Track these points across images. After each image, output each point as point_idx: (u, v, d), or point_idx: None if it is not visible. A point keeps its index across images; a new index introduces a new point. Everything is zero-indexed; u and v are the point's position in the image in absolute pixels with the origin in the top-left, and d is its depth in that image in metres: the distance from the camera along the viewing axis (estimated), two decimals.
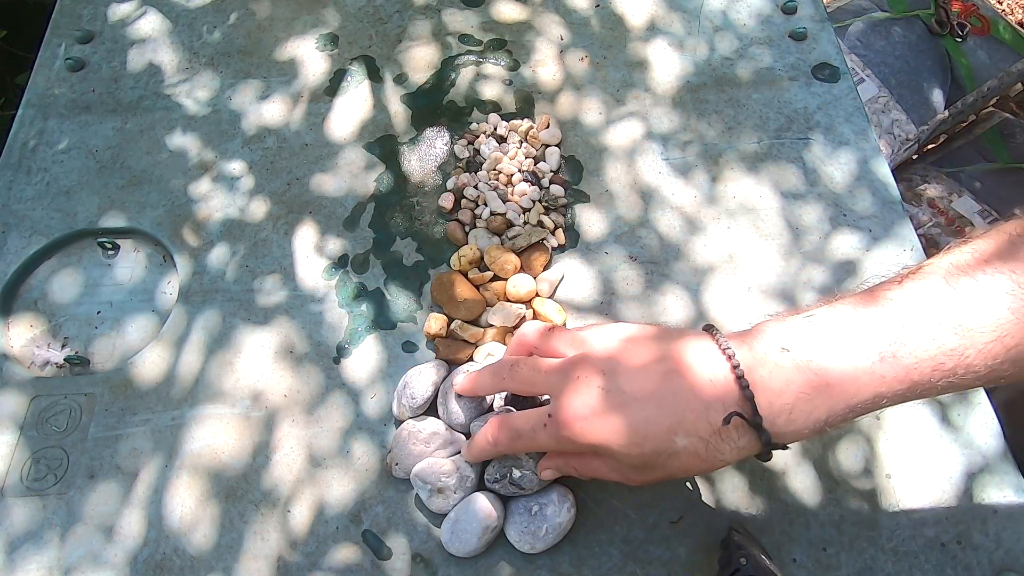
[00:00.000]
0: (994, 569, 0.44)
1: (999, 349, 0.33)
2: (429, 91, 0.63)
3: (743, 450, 0.36)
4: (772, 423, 0.35)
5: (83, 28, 0.67)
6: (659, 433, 0.35)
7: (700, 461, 0.36)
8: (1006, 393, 0.62)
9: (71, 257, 0.57)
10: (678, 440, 0.35)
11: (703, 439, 0.35)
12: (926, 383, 0.34)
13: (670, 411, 0.35)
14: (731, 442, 0.35)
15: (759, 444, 0.35)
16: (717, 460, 0.36)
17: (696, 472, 0.39)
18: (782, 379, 0.35)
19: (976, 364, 0.34)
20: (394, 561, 0.45)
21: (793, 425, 0.35)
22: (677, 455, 0.36)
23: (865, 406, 0.35)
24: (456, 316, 0.52)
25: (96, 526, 0.46)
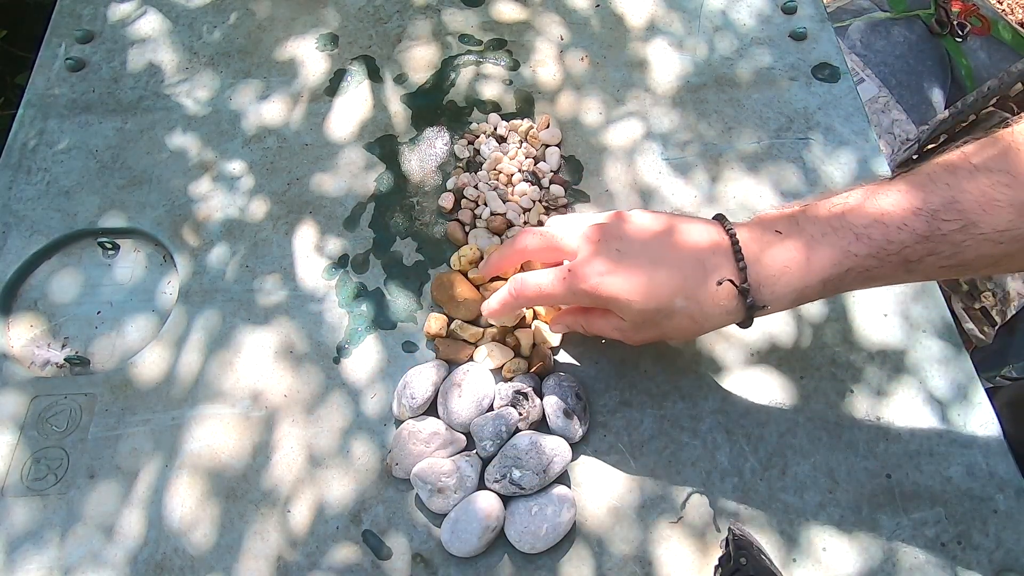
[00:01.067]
0: (994, 569, 0.44)
1: (962, 237, 0.36)
2: (429, 91, 0.63)
3: (729, 315, 0.41)
4: (757, 291, 0.40)
5: (83, 28, 0.67)
6: (664, 293, 0.40)
7: (692, 323, 0.42)
8: (1006, 393, 0.62)
9: (71, 257, 0.57)
10: (678, 301, 0.41)
11: (699, 303, 0.41)
12: (892, 261, 0.38)
13: (676, 276, 0.40)
14: (720, 307, 0.41)
15: (743, 309, 0.41)
16: (706, 323, 0.42)
17: (685, 333, 0.44)
18: (770, 255, 0.40)
19: (942, 249, 0.37)
20: (394, 561, 0.45)
21: (774, 294, 0.40)
22: (675, 315, 0.41)
23: (837, 281, 0.40)
24: (456, 316, 0.52)
25: (96, 526, 0.46)
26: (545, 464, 0.44)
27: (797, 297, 0.41)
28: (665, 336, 0.44)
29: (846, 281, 0.40)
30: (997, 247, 0.36)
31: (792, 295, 0.40)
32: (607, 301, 0.42)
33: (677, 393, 0.49)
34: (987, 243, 0.36)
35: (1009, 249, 0.36)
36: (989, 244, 0.36)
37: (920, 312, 0.52)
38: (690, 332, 0.43)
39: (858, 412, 0.49)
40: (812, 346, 0.51)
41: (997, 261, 0.37)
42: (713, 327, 0.43)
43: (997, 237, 0.36)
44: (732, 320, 0.42)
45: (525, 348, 0.50)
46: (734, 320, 0.42)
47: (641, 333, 0.43)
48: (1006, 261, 0.37)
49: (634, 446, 0.48)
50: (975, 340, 1.04)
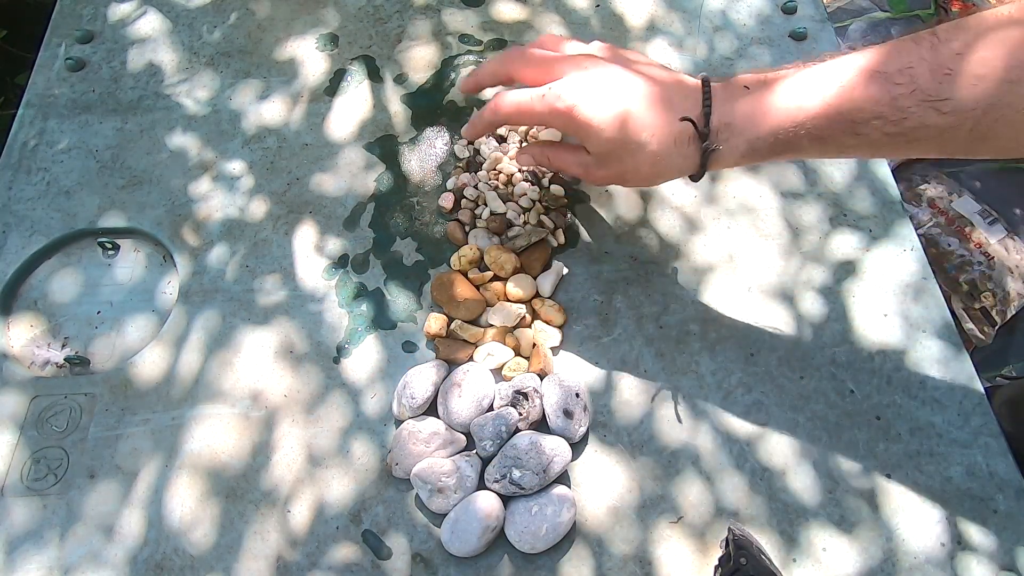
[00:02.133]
0: (994, 569, 0.44)
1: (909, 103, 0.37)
2: (429, 91, 0.63)
3: (685, 160, 0.43)
4: (714, 136, 0.42)
5: (83, 28, 0.67)
6: (635, 126, 0.42)
7: (652, 163, 0.43)
8: (1004, 392, 0.62)
9: (71, 257, 0.57)
10: (644, 136, 0.42)
11: (662, 142, 0.42)
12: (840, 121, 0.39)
13: (648, 112, 0.42)
14: (681, 150, 0.42)
15: (698, 154, 0.42)
16: (663, 166, 0.43)
17: (642, 175, 0.45)
18: (733, 105, 0.42)
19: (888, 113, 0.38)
20: (394, 561, 0.45)
21: (728, 143, 0.42)
22: (638, 151, 0.43)
23: (790, 137, 0.41)
24: (456, 316, 0.52)
25: (96, 526, 0.46)
26: (545, 464, 0.44)
27: (748, 149, 0.42)
28: (623, 177, 0.46)
29: (797, 138, 0.41)
30: (940, 117, 0.37)
31: (744, 146, 0.42)
32: (580, 126, 0.43)
33: (677, 393, 0.49)
34: (931, 112, 0.37)
35: (951, 121, 0.37)
36: (933, 113, 0.37)
37: (920, 312, 0.52)
38: (647, 174, 0.45)
39: (858, 412, 0.49)
40: (812, 346, 0.51)
41: (940, 133, 0.38)
42: (671, 174, 0.44)
43: (941, 106, 0.37)
44: (687, 167, 0.43)
45: (525, 348, 0.50)
46: (689, 167, 0.43)
47: (603, 168, 0.45)
48: (948, 135, 0.38)
49: (634, 446, 0.48)
50: (975, 340, 1.04)
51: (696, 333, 0.52)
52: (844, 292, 0.53)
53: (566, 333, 0.52)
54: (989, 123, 0.36)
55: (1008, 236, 1.04)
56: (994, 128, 0.37)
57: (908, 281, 0.53)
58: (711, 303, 0.53)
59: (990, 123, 0.36)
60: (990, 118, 0.36)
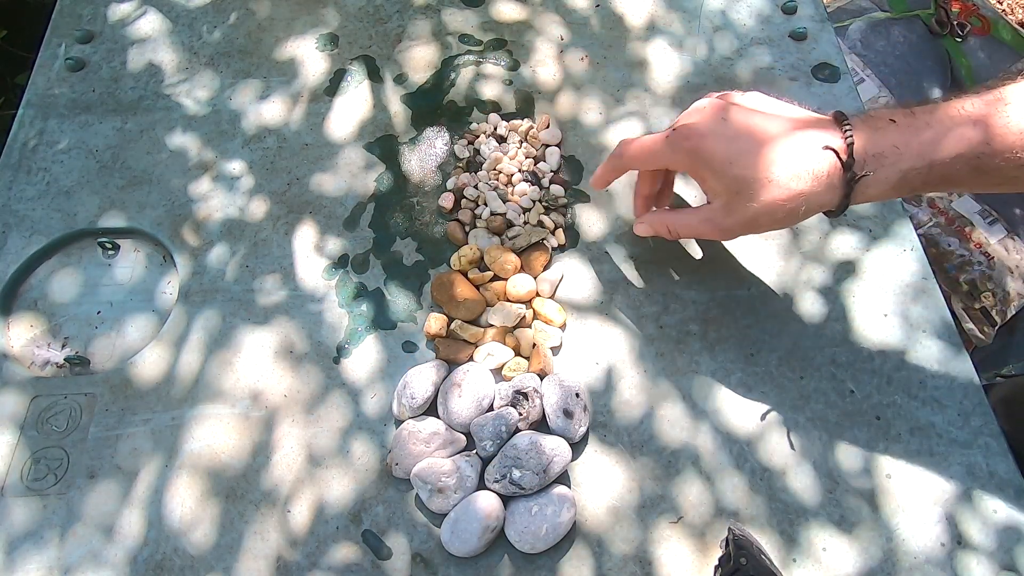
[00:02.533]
0: (994, 569, 0.44)
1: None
2: (429, 91, 0.63)
3: (828, 192, 0.40)
4: (861, 166, 0.39)
5: (83, 28, 0.67)
6: (766, 159, 0.40)
7: (788, 198, 0.40)
8: (1000, 390, 0.62)
9: (71, 257, 0.57)
10: (775, 171, 0.39)
11: (798, 175, 0.39)
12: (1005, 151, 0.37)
13: (782, 145, 0.40)
14: (820, 181, 0.39)
15: (843, 185, 0.39)
16: (799, 202, 0.40)
17: (779, 214, 0.41)
18: (880, 134, 0.39)
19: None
20: (394, 561, 0.45)
21: (878, 173, 0.39)
22: (771, 186, 0.40)
23: (945, 166, 0.38)
24: (456, 316, 0.52)
25: (96, 526, 0.46)
26: (545, 464, 0.44)
27: (901, 180, 0.39)
28: (756, 220, 0.42)
29: (955, 170, 0.38)
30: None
31: (896, 176, 0.39)
32: (706, 163, 0.41)
33: (677, 393, 0.49)
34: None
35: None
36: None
37: (920, 312, 0.52)
38: (782, 213, 0.41)
39: (858, 412, 0.49)
40: (812, 346, 0.51)
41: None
42: (808, 209, 0.41)
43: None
44: (830, 199, 0.40)
45: (525, 348, 0.50)
46: (830, 200, 0.40)
47: (732, 215, 0.42)
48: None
49: (634, 446, 0.48)
50: (975, 340, 1.03)
51: (696, 333, 0.52)
52: (844, 292, 0.53)
53: (566, 333, 0.52)
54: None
55: (1008, 236, 1.03)
56: None
57: (908, 281, 0.53)
58: (711, 303, 0.53)
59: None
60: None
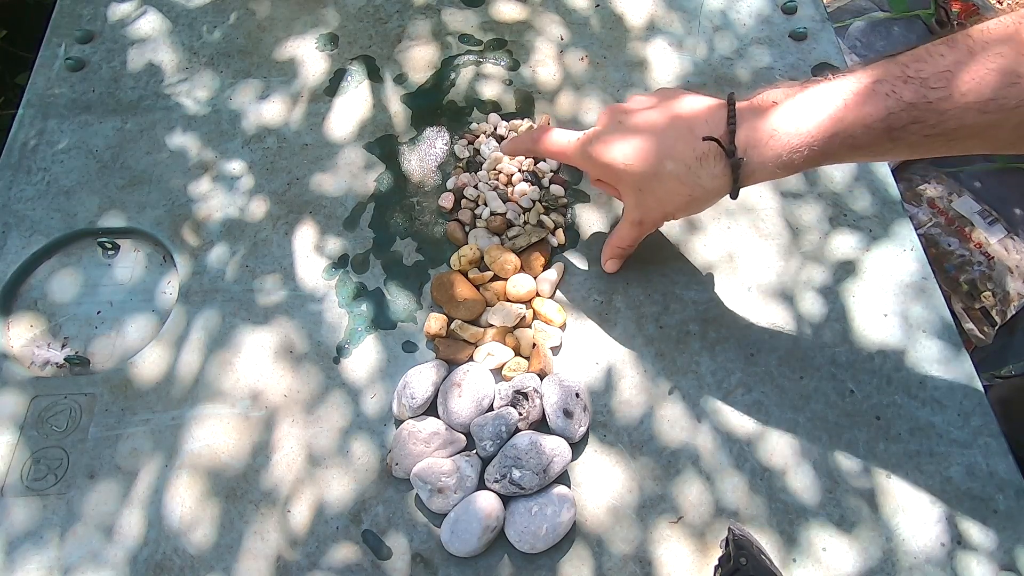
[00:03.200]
0: (994, 569, 0.44)
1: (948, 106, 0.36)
2: (429, 91, 0.63)
3: (716, 179, 0.43)
4: (744, 152, 0.41)
5: (83, 28, 0.67)
6: (652, 155, 0.44)
7: (683, 188, 0.44)
8: (998, 391, 0.62)
9: (71, 257, 0.57)
10: (667, 164, 0.43)
11: (687, 165, 0.43)
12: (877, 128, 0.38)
13: (666, 138, 0.44)
14: (708, 169, 0.42)
15: (729, 172, 0.42)
16: (696, 189, 0.43)
17: (681, 202, 0.45)
18: (762, 120, 0.41)
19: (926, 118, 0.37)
20: (394, 561, 0.45)
21: (761, 156, 0.41)
22: (665, 178, 0.44)
23: (824, 147, 0.40)
24: (456, 316, 0.52)
25: (96, 526, 0.46)
26: (545, 464, 0.44)
27: (783, 162, 0.41)
28: (663, 210, 0.46)
29: (832, 148, 0.40)
30: (982, 116, 0.36)
31: (777, 160, 0.41)
32: (605, 168, 0.46)
33: (677, 393, 0.49)
34: (971, 112, 0.36)
35: (993, 119, 0.36)
36: (973, 113, 0.36)
37: (920, 312, 0.52)
38: (685, 200, 0.45)
39: (858, 412, 0.49)
40: (812, 346, 0.51)
41: (982, 132, 0.37)
42: (706, 195, 0.44)
43: (982, 107, 0.36)
44: (721, 186, 0.43)
45: (525, 348, 0.50)
46: (723, 186, 0.43)
47: (644, 210, 0.46)
48: (991, 133, 0.37)
49: (634, 446, 0.48)
50: (975, 340, 1.03)
51: (696, 333, 0.52)
52: (844, 292, 0.53)
53: (566, 333, 0.52)
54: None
55: (1008, 236, 1.03)
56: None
57: (908, 281, 0.53)
58: (711, 303, 0.53)
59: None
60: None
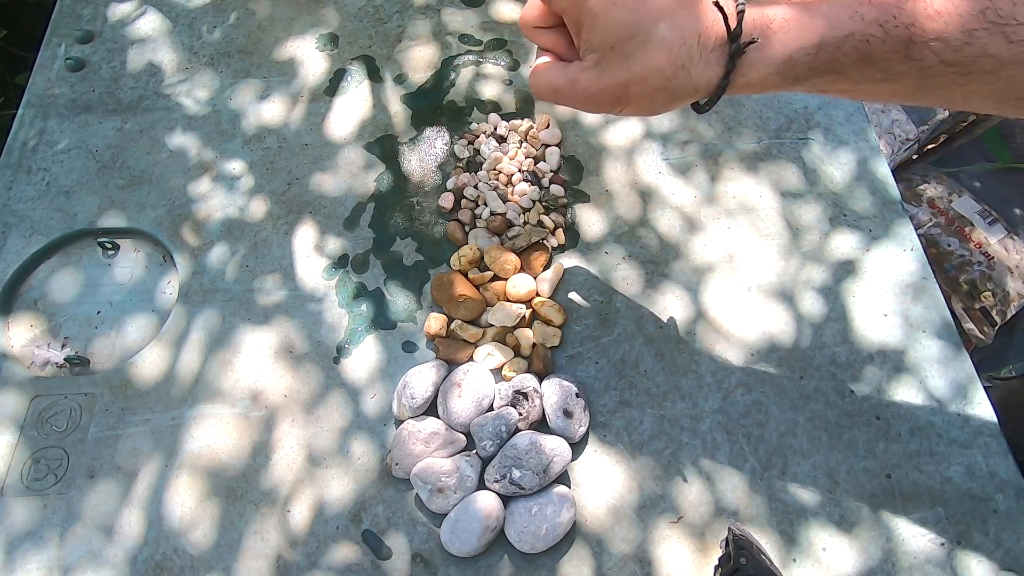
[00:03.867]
0: (994, 569, 0.44)
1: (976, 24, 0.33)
2: (429, 91, 0.63)
3: (708, 67, 0.35)
4: (748, 38, 0.35)
5: (83, 28, 0.67)
6: (654, 8, 0.35)
7: (665, 65, 0.35)
8: (997, 393, 0.62)
9: (71, 257, 0.57)
10: (661, 27, 0.35)
11: (682, 39, 0.35)
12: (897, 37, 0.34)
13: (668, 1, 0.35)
14: (703, 51, 0.35)
15: (724, 63, 0.35)
16: (677, 72, 0.35)
17: (647, 88, 0.36)
18: (773, 9, 0.35)
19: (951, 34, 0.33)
20: (394, 561, 0.45)
21: (764, 52, 0.35)
22: (652, 42, 0.35)
23: (833, 50, 0.35)
24: (456, 316, 0.52)
25: (96, 526, 0.46)
26: (545, 464, 0.44)
27: (785, 62, 0.35)
28: (627, 88, 0.37)
29: (843, 54, 0.35)
30: (1007, 47, 0.33)
31: (780, 57, 0.35)
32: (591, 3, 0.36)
33: (677, 393, 0.49)
34: (999, 38, 0.32)
35: (1017, 53, 0.33)
36: (1001, 40, 0.32)
37: (920, 312, 0.52)
38: (655, 84, 0.36)
39: (858, 412, 0.49)
40: (812, 346, 0.51)
41: (998, 68, 0.33)
42: (685, 87, 0.36)
43: (1012, 32, 0.32)
44: (706, 77, 0.36)
45: (525, 348, 0.50)
46: (709, 77, 0.36)
47: (603, 75, 0.37)
48: (1009, 73, 0.33)
49: (634, 446, 0.48)
50: (975, 340, 1.04)
51: (696, 333, 0.52)
52: (844, 292, 0.53)
53: (566, 333, 0.52)
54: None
55: (1008, 236, 1.04)
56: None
57: (908, 281, 0.53)
58: (711, 303, 0.53)
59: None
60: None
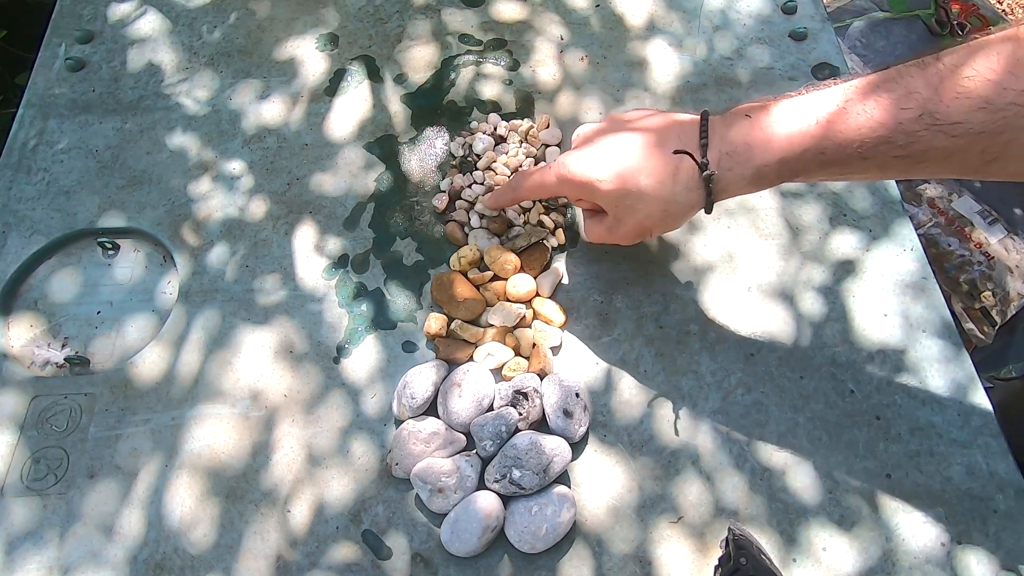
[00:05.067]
0: (994, 569, 0.44)
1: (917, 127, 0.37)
2: (429, 91, 0.63)
3: (691, 192, 0.43)
4: (716, 166, 0.42)
5: (83, 28, 0.67)
6: (632, 173, 0.44)
7: (661, 204, 0.44)
8: (997, 394, 0.62)
9: (71, 257, 0.57)
10: (642, 179, 0.44)
11: (660, 180, 0.43)
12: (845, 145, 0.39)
13: (644, 157, 0.44)
14: (682, 184, 0.43)
15: (703, 186, 0.43)
16: (671, 203, 0.44)
17: (659, 218, 0.45)
18: (734, 132, 0.42)
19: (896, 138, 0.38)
20: (394, 561, 0.45)
21: (732, 171, 0.42)
22: (642, 196, 0.44)
23: (794, 162, 0.41)
24: (456, 316, 0.52)
25: (96, 526, 0.46)
26: (545, 464, 0.44)
27: (755, 175, 0.42)
28: (643, 226, 0.46)
29: (804, 164, 0.41)
30: (950, 140, 0.37)
31: (750, 173, 0.42)
32: (585, 187, 0.46)
33: (677, 393, 0.49)
34: (940, 135, 0.37)
35: (960, 144, 0.36)
36: (942, 137, 0.37)
37: (920, 312, 0.52)
38: (661, 217, 0.45)
39: (858, 412, 0.49)
40: (812, 346, 0.51)
41: (949, 155, 0.37)
42: (681, 209, 0.44)
43: (951, 130, 0.36)
44: (695, 200, 0.44)
45: (525, 348, 0.50)
46: (697, 200, 0.44)
47: (621, 224, 0.47)
48: (958, 157, 0.37)
49: (634, 446, 0.48)
50: (975, 340, 1.03)
51: (696, 333, 0.52)
52: (844, 292, 0.53)
53: (566, 333, 0.52)
54: (1001, 145, 0.36)
55: (1008, 236, 1.03)
56: (1006, 150, 0.36)
57: (908, 281, 0.53)
58: (711, 303, 0.53)
59: (1002, 145, 0.36)
60: (1002, 140, 0.35)
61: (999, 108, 0.35)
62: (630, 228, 0.46)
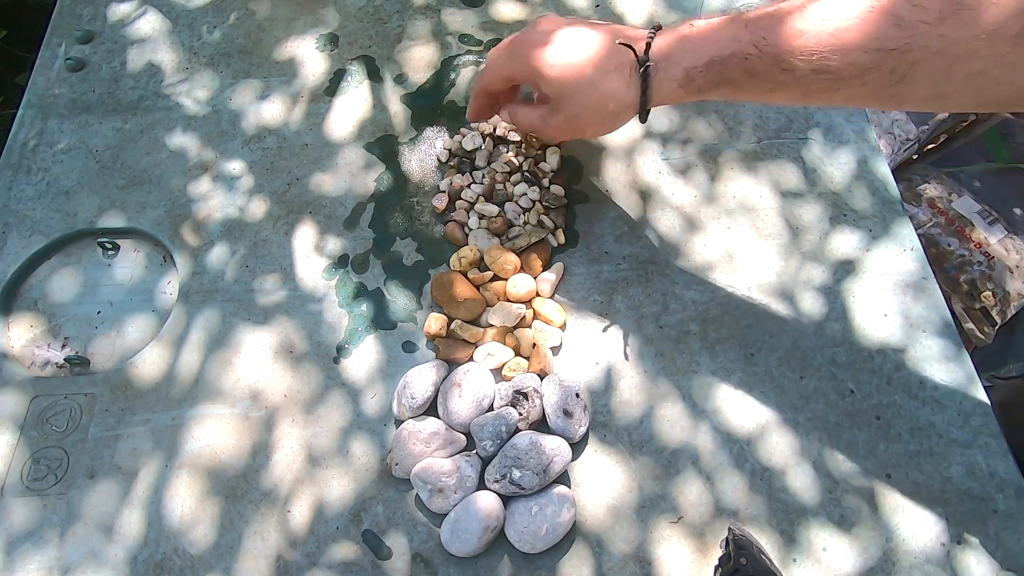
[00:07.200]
0: (994, 569, 0.44)
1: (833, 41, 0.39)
2: (429, 91, 0.63)
3: (630, 90, 0.46)
4: (654, 65, 0.45)
5: (83, 28, 0.67)
6: (575, 62, 0.46)
7: (600, 97, 0.46)
8: (997, 393, 0.62)
9: (71, 257, 0.57)
10: (588, 71, 0.46)
11: (605, 71, 0.46)
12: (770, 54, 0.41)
13: (591, 52, 0.46)
14: (624, 79, 0.45)
15: (638, 87, 0.45)
16: (611, 98, 0.46)
17: (593, 113, 0.47)
18: (675, 37, 0.45)
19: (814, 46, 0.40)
20: (394, 561, 0.45)
21: (667, 70, 0.45)
22: (585, 84, 0.46)
23: (720, 66, 0.43)
24: (456, 316, 0.52)
25: (96, 526, 0.46)
26: (545, 464, 0.44)
27: (685, 77, 0.44)
28: (578, 119, 0.48)
29: (729, 69, 0.43)
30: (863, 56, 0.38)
31: (680, 74, 0.44)
32: (535, 70, 0.47)
33: (677, 393, 0.49)
34: (856, 52, 0.39)
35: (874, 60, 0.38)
36: (857, 53, 0.39)
37: (920, 312, 0.52)
38: (599, 111, 0.47)
39: (858, 412, 0.49)
40: (812, 346, 0.51)
41: (863, 72, 0.39)
42: (618, 108, 0.47)
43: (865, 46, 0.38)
44: (633, 96, 0.46)
45: (525, 348, 0.50)
46: (633, 96, 0.46)
47: (558, 114, 0.48)
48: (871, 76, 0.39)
49: (634, 446, 0.48)
50: (975, 340, 1.03)
51: (696, 333, 0.52)
52: (844, 292, 0.53)
53: (566, 333, 0.52)
54: (908, 64, 0.38)
55: (1008, 236, 1.03)
56: (912, 70, 0.38)
57: (908, 281, 0.53)
58: (711, 303, 0.53)
59: (908, 64, 0.38)
60: (909, 59, 0.37)
61: (908, 25, 0.37)
62: (563, 119, 0.48)
